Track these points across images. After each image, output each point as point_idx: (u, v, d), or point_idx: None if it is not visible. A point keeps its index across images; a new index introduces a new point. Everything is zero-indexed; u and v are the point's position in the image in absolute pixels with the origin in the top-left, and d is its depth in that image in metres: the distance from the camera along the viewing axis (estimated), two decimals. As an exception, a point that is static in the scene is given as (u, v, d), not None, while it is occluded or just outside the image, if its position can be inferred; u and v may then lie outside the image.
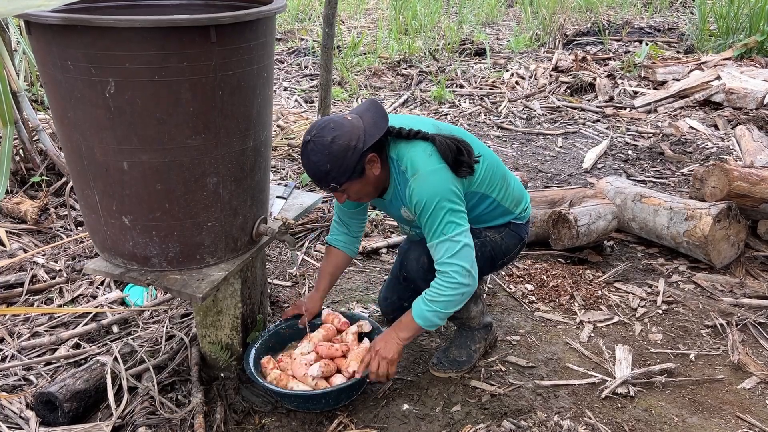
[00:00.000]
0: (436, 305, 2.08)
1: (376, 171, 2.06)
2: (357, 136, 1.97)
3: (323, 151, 1.95)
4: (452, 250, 2.04)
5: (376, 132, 2.00)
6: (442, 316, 2.12)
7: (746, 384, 2.35)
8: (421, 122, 2.19)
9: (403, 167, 2.08)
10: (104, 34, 1.66)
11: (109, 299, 2.83)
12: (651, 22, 8.77)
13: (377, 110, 2.06)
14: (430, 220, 2.04)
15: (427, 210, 2.02)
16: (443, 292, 2.06)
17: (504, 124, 5.37)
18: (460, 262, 2.04)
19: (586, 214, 3.13)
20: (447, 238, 2.03)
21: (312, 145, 1.97)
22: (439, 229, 2.04)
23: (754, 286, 2.94)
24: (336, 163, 1.96)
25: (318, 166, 1.97)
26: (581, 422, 2.16)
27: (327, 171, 1.97)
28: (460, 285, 2.05)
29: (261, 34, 1.90)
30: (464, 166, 2.06)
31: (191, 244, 2.01)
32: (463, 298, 2.10)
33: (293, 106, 5.87)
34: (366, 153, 1.99)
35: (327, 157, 1.95)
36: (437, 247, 2.06)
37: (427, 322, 2.12)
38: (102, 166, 1.86)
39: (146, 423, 2.10)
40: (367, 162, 2.02)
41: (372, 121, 2.02)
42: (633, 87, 6.04)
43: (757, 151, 3.96)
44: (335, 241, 2.46)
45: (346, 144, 1.95)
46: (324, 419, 2.19)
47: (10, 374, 2.37)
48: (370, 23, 9.34)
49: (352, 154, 1.96)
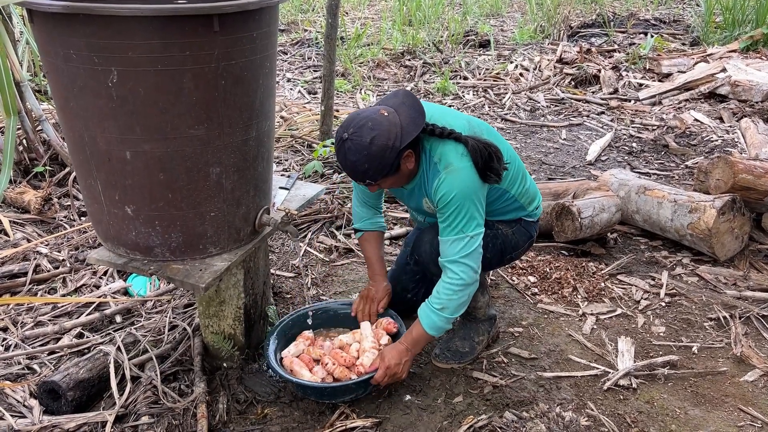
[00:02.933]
0: (447, 312, 2.10)
1: (410, 165, 2.06)
2: (395, 135, 1.95)
3: (362, 152, 1.93)
4: (467, 249, 2.05)
5: (413, 129, 1.98)
6: (453, 321, 2.16)
7: (749, 377, 2.35)
8: (455, 117, 2.17)
9: (436, 159, 2.07)
10: (107, 22, 1.65)
11: (112, 289, 2.84)
12: (656, 14, 8.71)
13: (413, 104, 2.04)
14: (452, 216, 2.04)
15: (452, 205, 2.02)
16: (452, 297, 2.08)
17: (508, 116, 5.35)
18: (472, 263, 2.06)
19: (590, 206, 3.13)
20: (465, 236, 2.04)
21: (350, 144, 1.94)
22: (459, 226, 2.04)
23: (757, 279, 2.93)
24: (374, 163, 1.95)
25: (356, 165, 1.96)
26: (583, 414, 2.16)
27: (365, 170, 1.97)
28: (467, 286, 2.08)
29: (264, 24, 1.89)
30: (493, 173, 2.04)
31: (194, 234, 2.01)
32: (469, 299, 2.14)
33: (296, 97, 5.86)
34: (403, 150, 1.98)
35: (366, 157, 1.94)
36: (452, 243, 2.06)
37: (440, 332, 2.16)
38: (105, 155, 1.85)
39: (149, 412, 2.11)
40: (404, 158, 2.01)
41: (409, 118, 2.00)
42: (638, 79, 6.01)
43: (762, 144, 3.94)
44: (367, 224, 2.47)
45: (385, 144, 1.93)
46: (326, 410, 2.19)
47: (14, 363, 2.38)
48: (373, 14, 9.30)
49: (390, 152, 1.94)
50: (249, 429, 2.12)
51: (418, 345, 2.22)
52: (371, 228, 2.47)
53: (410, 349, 2.19)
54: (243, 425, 2.13)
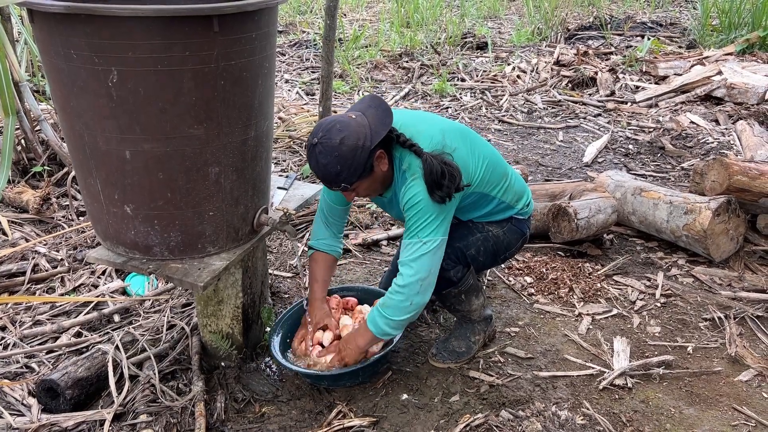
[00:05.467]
0: (386, 311, 2.08)
1: (384, 167, 2.07)
2: (364, 135, 1.96)
3: (332, 153, 1.93)
4: (417, 253, 2.03)
5: (381, 129, 1.99)
6: (393, 325, 2.09)
7: (743, 376, 2.37)
8: (430, 125, 2.17)
9: (404, 167, 2.08)
10: (107, 22, 1.66)
11: (111, 288, 2.84)
12: (653, 17, 8.75)
13: (380, 106, 2.05)
14: (412, 219, 2.04)
15: (414, 209, 2.03)
16: (393, 296, 2.07)
17: (505, 118, 5.36)
18: (419, 267, 2.03)
19: (586, 207, 3.14)
20: (419, 240, 2.03)
21: (320, 147, 1.95)
22: (415, 231, 2.04)
23: (752, 280, 2.95)
24: (346, 163, 1.95)
25: (328, 167, 1.96)
26: (579, 413, 2.18)
27: (338, 172, 1.96)
28: (410, 291, 2.04)
29: (263, 25, 1.91)
30: (441, 191, 2.00)
31: (193, 234, 2.02)
32: (413, 308, 2.07)
33: (294, 98, 5.87)
34: (374, 150, 1.99)
35: (337, 158, 1.94)
36: (407, 245, 2.06)
37: (377, 329, 2.11)
38: (104, 155, 1.87)
39: (147, 411, 2.12)
40: (376, 159, 2.02)
41: (376, 118, 2.01)
42: (634, 82, 6.03)
43: (757, 146, 3.96)
44: (322, 245, 2.41)
45: (354, 144, 1.94)
46: (324, 408, 2.20)
47: (13, 362, 2.39)
48: (371, 16, 9.32)
49: (361, 152, 1.95)
50: (247, 427, 2.13)
51: (361, 338, 2.17)
52: (324, 249, 2.40)
53: (356, 339, 2.18)
54: (241, 424, 2.14)
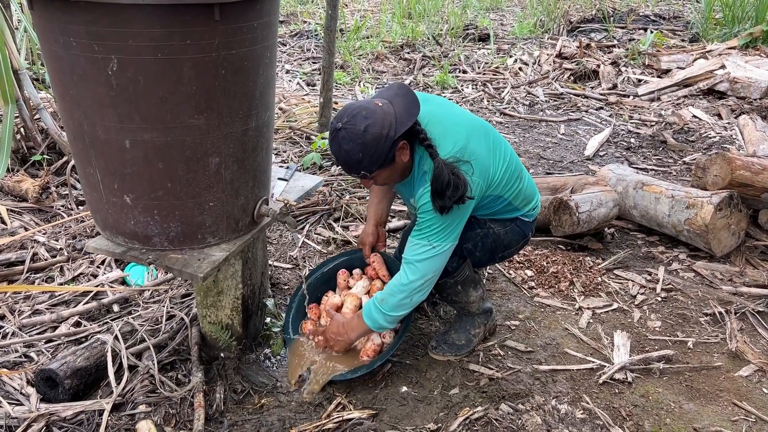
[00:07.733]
0: (384, 306, 2.11)
1: (405, 158, 2.04)
2: (389, 124, 1.92)
3: (356, 140, 1.91)
4: (425, 255, 2.04)
5: (407, 119, 1.95)
6: (390, 320, 2.13)
7: (743, 372, 2.36)
8: (456, 123, 2.11)
9: (425, 168, 2.04)
10: (107, 10, 1.64)
11: (110, 278, 2.84)
12: (656, 10, 8.70)
13: (408, 95, 2.02)
14: (426, 222, 2.04)
15: (429, 213, 2.01)
16: (394, 292, 2.09)
17: (507, 111, 5.34)
18: (424, 269, 2.05)
19: (588, 201, 3.13)
20: (429, 244, 2.04)
21: (344, 132, 1.92)
22: (427, 234, 2.04)
23: (753, 275, 2.94)
24: (368, 152, 1.92)
25: (350, 154, 1.93)
26: (578, 407, 2.18)
27: (359, 160, 1.94)
28: (411, 289, 2.07)
29: (265, 14, 1.89)
30: (442, 200, 1.95)
31: (193, 224, 2.01)
32: (411, 305, 2.12)
33: (295, 89, 5.84)
34: (398, 141, 1.96)
35: (360, 146, 1.91)
36: (415, 245, 2.06)
37: (373, 323, 2.15)
38: (104, 144, 1.85)
39: (146, 401, 2.12)
40: (398, 149, 1.99)
41: (403, 108, 1.97)
42: (637, 75, 6.01)
43: (760, 141, 3.94)
44: None
45: (379, 132, 1.90)
46: (324, 401, 2.20)
47: (11, 351, 2.38)
48: (373, 7, 9.28)
49: (385, 142, 1.92)
50: (246, 419, 2.13)
51: (354, 331, 2.22)
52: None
53: (348, 330, 2.22)
54: (240, 415, 2.14)
